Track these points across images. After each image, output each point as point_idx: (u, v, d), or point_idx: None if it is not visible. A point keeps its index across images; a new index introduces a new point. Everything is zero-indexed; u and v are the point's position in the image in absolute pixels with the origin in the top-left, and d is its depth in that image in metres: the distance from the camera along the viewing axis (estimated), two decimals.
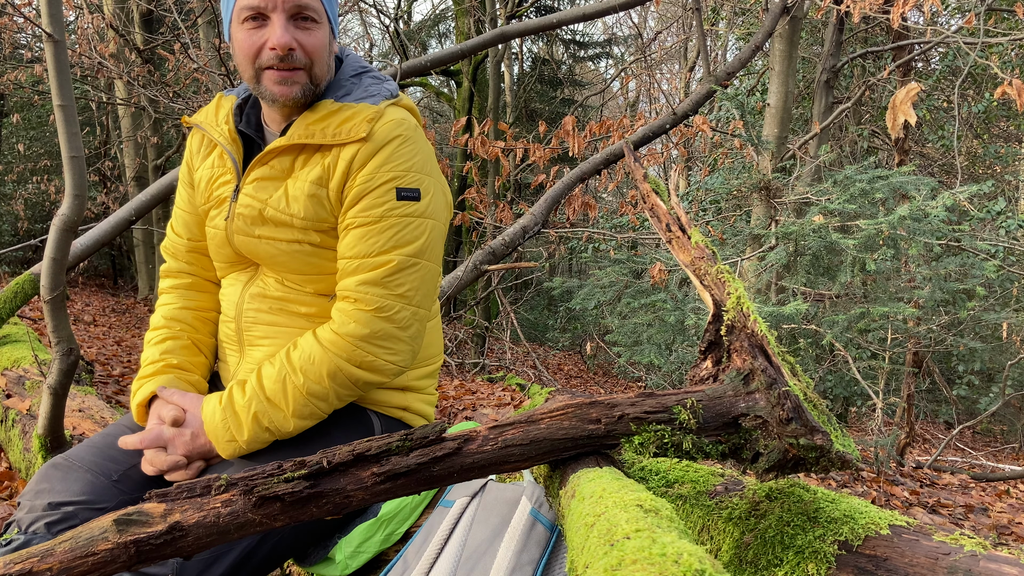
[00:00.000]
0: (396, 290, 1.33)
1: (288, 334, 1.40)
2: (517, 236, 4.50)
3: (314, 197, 1.35)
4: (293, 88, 1.34)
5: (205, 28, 7.57)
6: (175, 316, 1.52)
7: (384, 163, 1.33)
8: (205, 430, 1.29)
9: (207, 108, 1.52)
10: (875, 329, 4.94)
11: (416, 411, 1.52)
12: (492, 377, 6.80)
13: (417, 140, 1.39)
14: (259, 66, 1.33)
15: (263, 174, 1.38)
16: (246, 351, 1.46)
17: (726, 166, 7.80)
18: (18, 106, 11.60)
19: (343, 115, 1.35)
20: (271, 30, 1.31)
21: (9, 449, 2.56)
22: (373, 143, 1.33)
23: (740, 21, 11.01)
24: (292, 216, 1.35)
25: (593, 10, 4.31)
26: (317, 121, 1.35)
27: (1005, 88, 3.92)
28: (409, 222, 1.35)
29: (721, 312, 1.03)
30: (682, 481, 1.16)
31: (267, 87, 1.34)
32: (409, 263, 1.34)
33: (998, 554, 0.80)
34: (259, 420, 1.28)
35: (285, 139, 1.36)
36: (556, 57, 16.96)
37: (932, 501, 4.05)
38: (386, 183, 1.33)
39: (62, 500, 1.22)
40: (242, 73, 1.38)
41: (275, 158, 1.38)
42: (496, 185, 11.03)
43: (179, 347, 1.48)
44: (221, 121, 1.45)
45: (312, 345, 1.32)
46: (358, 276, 1.33)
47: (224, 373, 1.52)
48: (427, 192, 1.38)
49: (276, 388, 1.29)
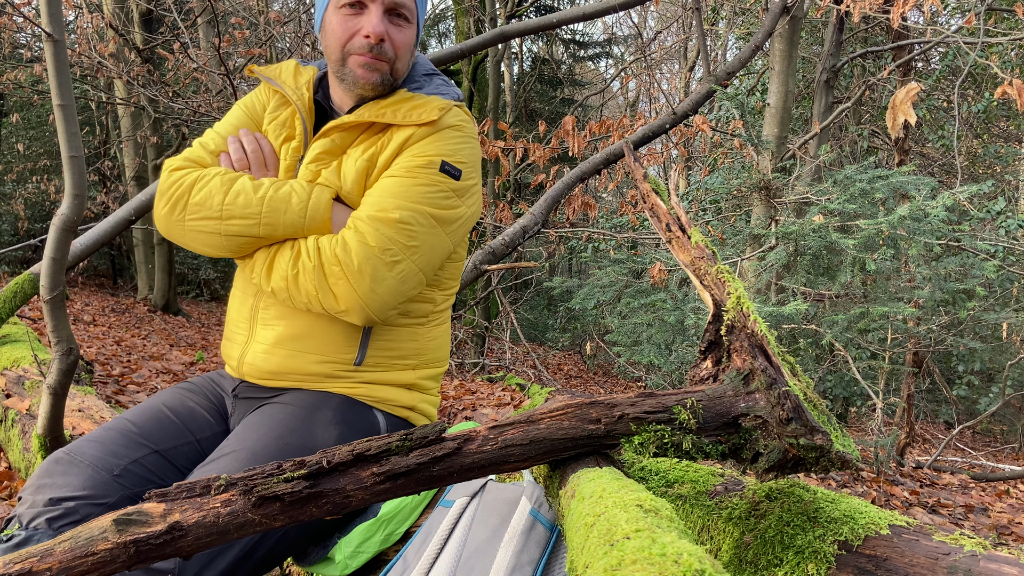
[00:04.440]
0: (406, 239, 1.32)
1: (302, 317, 1.40)
2: (517, 236, 4.50)
3: (362, 171, 1.38)
4: (375, 75, 1.40)
5: (205, 28, 7.57)
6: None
7: (437, 142, 1.38)
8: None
9: (284, 68, 1.54)
10: (875, 329, 4.94)
11: (421, 411, 1.52)
12: (492, 377, 6.80)
13: (471, 138, 1.45)
14: (348, 50, 1.39)
15: (324, 147, 1.42)
16: (256, 330, 1.45)
17: (726, 166, 7.81)
18: (18, 106, 11.60)
19: (415, 102, 1.40)
20: (367, 19, 1.37)
21: (9, 449, 2.56)
22: (435, 128, 1.38)
23: (740, 21, 11.01)
24: (340, 187, 1.39)
25: (593, 10, 4.31)
26: (389, 104, 1.40)
27: (1005, 88, 3.92)
28: (442, 190, 1.37)
29: (721, 312, 1.03)
30: (682, 481, 1.16)
31: (352, 68, 1.40)
32: (428, 222, 1.35)
33: (998, 554, 0.79)
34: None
35: (354, 116, 1.41)
36: (556, 57, 16.97)
37: (932, 501, 4.05)
38: (433, 155, 1.37)
39: (63, 495, 1.21)
40: (329, 56, 1.43)
41: (338, 133, 1.42)
42: (496, 185, 11.03)
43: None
44: (302, 86, 1.49)
45: (309, 246, 1.32)
46: (372, 211, 1.33)
47: (231, 353, 1.50)
48: (468, 179, 1.41)
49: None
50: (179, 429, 1.41)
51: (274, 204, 1.34)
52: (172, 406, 1.45)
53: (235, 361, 1.49)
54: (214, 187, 1.37)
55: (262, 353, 1.43)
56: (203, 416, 1.47)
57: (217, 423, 1.49)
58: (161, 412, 1.43)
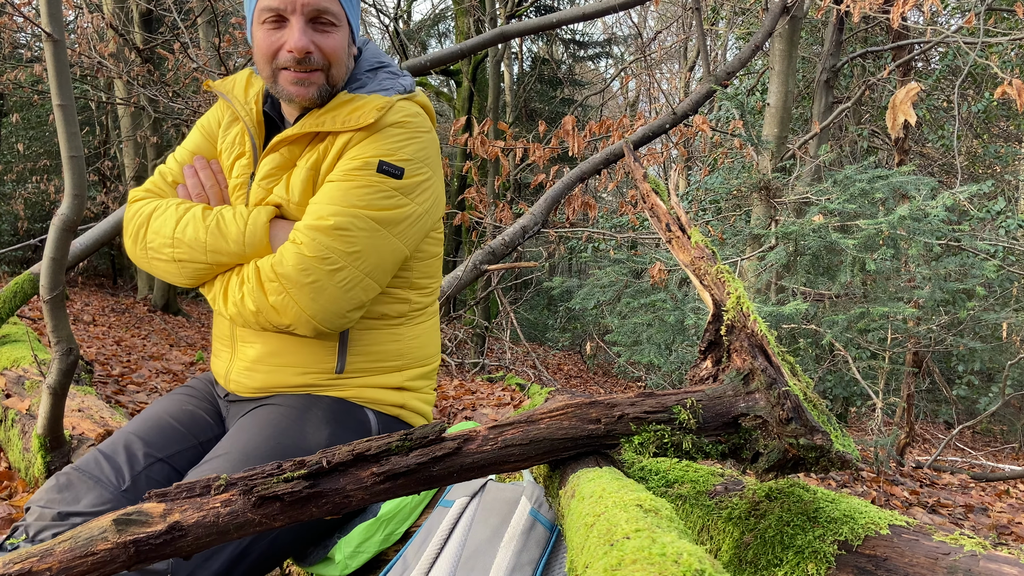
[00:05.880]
0: (345, 246, 1.30)
1: (275, 334, 1.40)
2: (517, 236, 4.50)
3: (307, 181, 1.36)
4: (310, 89, 1.36)
5: (204, 28, 7.57)
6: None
7: (375, 142, 1.34)
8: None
9: (237, 80, 1.52)
10: (875, 329, 4.93)
11: (413, 408, 1.51)
12: (492, 377, 6.80)
13: (419, 132, 1.40)
14: (276, 66, 1.36)
15: (274, 162, 1.40)
16: (238, 347, 1.46)
17: (726, 166, 7.80)
18: (18, 106, 11.60)
19: (354, 104, 1.37)
20: (289, 32, 1.32)
21: (9, 449, 2.56)
22: (373, 128, 1.35)
23: (740, 21, 11.01)
24: (288, 200, 1.37)
25: (593, 10, 4.31)
26: (328, 110, 1.37)
27: (1005, 88, 3.92)
28: (382, 190, 1.34)
29: (721, 312, 1.03)
30: (682, 481, 1.16)
31: (283, 86, 1.36)
32: (368, 225, 1.32)
33: (998, 554, 0.79)
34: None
35: (297, 128, 1.38)
36: (556, 57, 16.97)
37: (932, 501, 4.04)
38: (370, 156, 1.34)
39: (72, 510, 1.22)
40: (260, 72, 1.40)
41: (286, 146, 1.40)
42: (496, 185, 11.03)
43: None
44: (251, 100, 1.47)
45: (250, 267, 1.32)
46: (309, 220, 1.31)
47: (218, 369, 1.52)
48: (414, 176, 1.37)
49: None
50: (181, 434, 1.42)
51: (217, 233, 1.34)
52: (173, 412, 1.47)
53: (222, 378, 1.51)
54: (168, 217, 1.38)
55: (245, 371, 1.44)
56: (203, 418, 1.48)
57: (217, 424, 1.50)
58: (163, 420, 1.44)
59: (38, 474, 2.23)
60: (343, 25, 1.37)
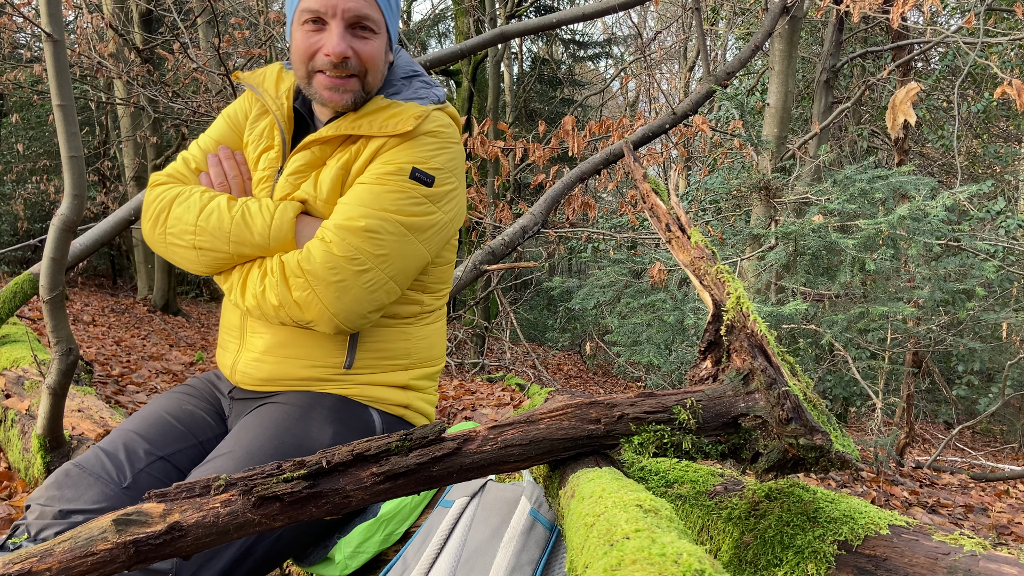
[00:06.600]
0: (374, 248, 1.31)
1: (291, 327, 1.40)
2: (517, 236, 4.50)
3: (337, 180, 1.37)
4: (344, 96, 1.37)
5: (204, 28, 7.57)
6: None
7: (409, 149, 1.36)
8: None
9: (267, 74, 1.52)
10: (875, 329, 4.94)
11: (417, 409, 1.52)
12: (492, 377, 6.80)
13: (450, 143, 1.42)
14: (312, 68, 1.36)
15: (304, 159, 1.40)
16: (248, 338, 1.46)
17: (726, 166, 7.81)
18: (17, 106, 11.60)
19: (391, 111, 1.38)
20: (328, 36, 1.33)
21: (8, 449, 2.56)
22: (409, 136, 1.36)
23: (740, 21, 11.01)
24: (315, 197, 1.38)
25: (593, 10, 4.31)
26: (365, 115, 1.38)
27: (1005, 88, 3.92)
28: (413, 197, 1.35)
29: (721, 312, 1.03)
30: (682, 481, 1.16)
31: (318, 90, 1.38)
32: (397, 230, 1.33)
33: (998, 554, 0.79)
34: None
35: (332, 129, 1.39)
36: (556, 57, 16.97)
37: (932, 501, 4.05)
38: (404, 162, 1.35)
39: (74, 508, 1.22)
40: (296, 71, 1.40)
41: (318, 145, 1.40)
42: (496, 185, 11.04)
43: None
44: (282, 95, 1.47)
45: (274, 261, 1.32)
46: (339, 220, 1.32)
47: (224, 361, 1.52)
48: (443, 185, 1.39)
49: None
50: (181, 433, 1.42)
51: (242, 224, 1.34)
52: (172, 411, 1.46)
53: (228, 369, 1.50)
54: (191, 204, 1.38)
55: (253, 361, 1.44)
56: (203, 418, 1.48)
57: (217, 424, 1.49)
58: (162, 418, 1.43)
59: (38, 474, 2.23)
60: (382, 32, 1.38)
